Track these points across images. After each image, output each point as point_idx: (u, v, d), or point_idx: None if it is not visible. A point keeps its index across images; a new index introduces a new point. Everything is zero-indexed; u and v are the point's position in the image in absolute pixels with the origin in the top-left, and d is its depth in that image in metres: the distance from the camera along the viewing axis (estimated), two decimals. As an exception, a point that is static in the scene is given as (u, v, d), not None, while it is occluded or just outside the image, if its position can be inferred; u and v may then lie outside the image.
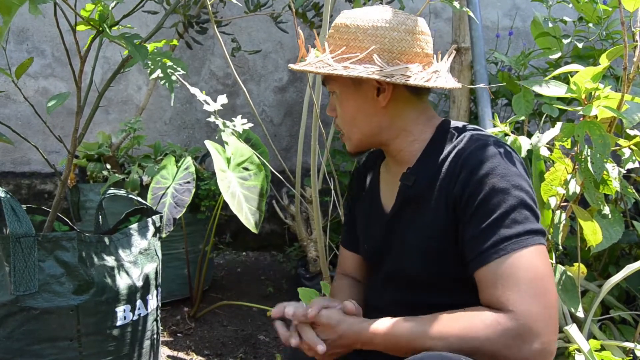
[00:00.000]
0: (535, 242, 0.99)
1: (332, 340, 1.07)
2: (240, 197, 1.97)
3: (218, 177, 1.93)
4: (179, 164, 2.25)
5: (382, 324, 1.04)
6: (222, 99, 2.04)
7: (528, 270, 0.97)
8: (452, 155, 1.11)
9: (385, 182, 1.27)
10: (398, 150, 1.19)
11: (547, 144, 1.54)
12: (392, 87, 1.13)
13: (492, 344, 0.94)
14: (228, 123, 2.01)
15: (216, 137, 2.11)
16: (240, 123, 2.06)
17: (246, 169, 2.07)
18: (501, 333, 0.94)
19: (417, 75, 1.10)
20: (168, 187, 2.14)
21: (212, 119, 2.02)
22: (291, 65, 1.21)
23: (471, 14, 1.88)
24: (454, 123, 1.19)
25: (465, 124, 1.19)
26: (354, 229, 1.37)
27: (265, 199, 2.05)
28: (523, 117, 1.75)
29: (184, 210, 2.07)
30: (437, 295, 1.12)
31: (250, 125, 2.12)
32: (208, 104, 1.99)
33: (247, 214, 1.95)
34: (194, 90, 1.96)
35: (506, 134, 1.60)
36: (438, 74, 1.14)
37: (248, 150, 2.11)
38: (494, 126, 1.64)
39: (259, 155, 2.11)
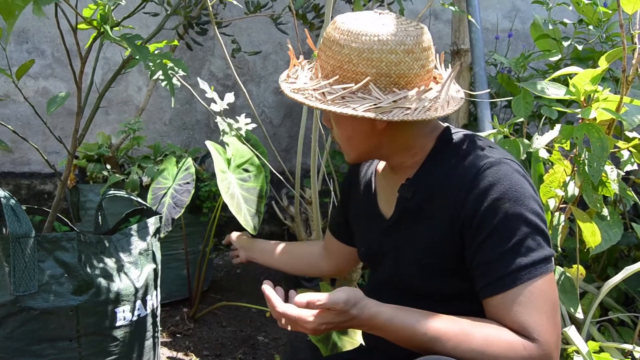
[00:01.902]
0: (548, 270, 1.01)
1: (336, 322, 1.01)
2: (240, 198, 1.97)
3: (218, 178, 1.93)
4: (180, 165, 2.25)
5: (396, 314, 1.01)
6: (230, 97, 2.03)
7: (545, 299, 0.99)
8: (456, 170, 1.08)
9: (382, 188, 1.26)
10: (398, 162, 1.17)
11: (546, 145, 1.54)
12: None
13: None
14: (231, 122, 2.01)
15: (220, 139, 2.10)
16: (244, 123, 2.06)
17: (246, 170, 2.07)
18: (524, 358, 0.95)
19: (419, 104, 1.04)
20: (169, 188, 2.14)
21: (217, 119, 2.01)
22: (283, 89, 1.13)
23: (469, 16, 1.89)
24: (455, 132, 1.15)
25: (466, 132, 1.16)
26: (343, 223, 1.41)
27: (264, 201, 2.04)
28: (522, 119, 1.76)
29: (183, 210, 2.07)
30: (435, 305, 1.09)
31: (252, 125, 2.12)
32: (215, 102, 1.99)
33: (246, 216, 1.94)
34: (203, 84, 1.95)
35: (505, 136, 1.60)
36: (439, 100, 1.07)
37: (248, 151, 2.10)
38: (494, 128, 1.64)
39: (259, 156, 2.11)
